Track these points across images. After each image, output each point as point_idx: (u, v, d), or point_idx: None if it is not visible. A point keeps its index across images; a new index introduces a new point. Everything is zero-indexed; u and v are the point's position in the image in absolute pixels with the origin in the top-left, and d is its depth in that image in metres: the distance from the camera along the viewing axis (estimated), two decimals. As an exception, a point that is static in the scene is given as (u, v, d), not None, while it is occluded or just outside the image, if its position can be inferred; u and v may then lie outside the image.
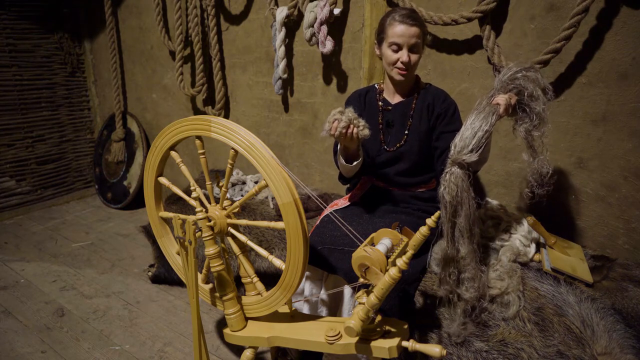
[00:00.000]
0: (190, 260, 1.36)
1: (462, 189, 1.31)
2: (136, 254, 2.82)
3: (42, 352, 1.92)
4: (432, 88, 1.68)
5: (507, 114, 1.38)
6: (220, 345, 1.95)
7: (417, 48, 1.55)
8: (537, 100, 1.38)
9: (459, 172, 1.30)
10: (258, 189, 1.35)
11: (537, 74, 1.42)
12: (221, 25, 2.79)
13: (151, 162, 1.53)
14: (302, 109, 2.59)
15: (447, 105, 1.62)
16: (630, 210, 1.72)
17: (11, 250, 2.88)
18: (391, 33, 1.54)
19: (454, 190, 1.31)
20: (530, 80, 1.40)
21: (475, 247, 1.37)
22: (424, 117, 1.63)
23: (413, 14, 1.55)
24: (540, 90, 1.39)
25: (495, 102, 1.36)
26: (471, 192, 1.33)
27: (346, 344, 1.28)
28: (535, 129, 1.39)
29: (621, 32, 1.61)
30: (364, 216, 1.65)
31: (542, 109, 1.38)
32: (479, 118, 1.34)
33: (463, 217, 1.33)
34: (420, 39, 1.55)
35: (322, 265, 1.53)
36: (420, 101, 1.64)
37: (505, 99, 1.36)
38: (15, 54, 3.36)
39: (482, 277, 1.41)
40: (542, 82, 1.41)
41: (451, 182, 1.32)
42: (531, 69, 1.43)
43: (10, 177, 3.45)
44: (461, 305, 1.41)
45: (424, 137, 1.63)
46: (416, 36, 1.53)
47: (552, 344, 1.32)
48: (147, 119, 3.55)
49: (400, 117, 1.66)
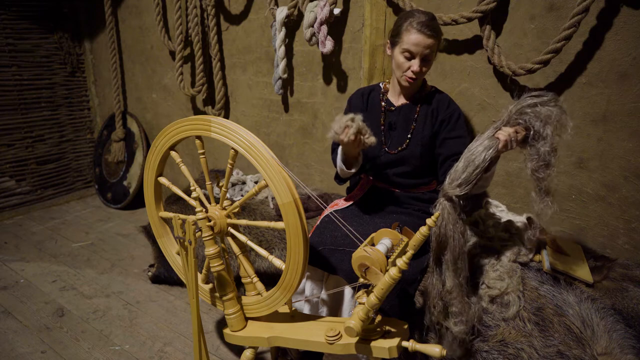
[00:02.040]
0: (190, 260, 1.36)
1: (447, 221, 1.30)
2: (136, 254, 2.82)
3: (42, 352, 1.92)
4: (437, 92, 1.66)
5: (508, 149, 1.30)
6: (220, 345, 1.95)
7: (430, 57, 1.51)
8: (544, 140, 1.27)
9: (447, 204, 1.30)
10: (258, 189, 1.35)
11: (553, 109, 1.28)
12: (221, 25, 2.79)
13: (151, 162, 1.53)
14: (302, 109, 2.58)
15: (451, 111, 1.61)
16: (630, 210, 1.72)
17: (11, 250, 2.88)
18: (406, 39, 1.48)
19: (440, 222, 1.31)
20: (539, 118, 1.29)
21: (461, 282, 1.33)
22: (428, 122, 1.62)
23: (432, 23, 1.48)
24: (550, 129, 1.27)
25: (496, 136, 1.29)
26: (459, 227, 1.30)
27: (346, 344, 1.28)
28: (541, 170, 1.29)
29: (621, 32, 1.61)
30: (365, 216, 1.65)
31: (547, 152, 1.27)
32: (476, 152, 1.29)
33: (449, 250, 1.32)
34: (435, 49, 1.51)
35: (323, 265, 1.53)
36: (425, 106, 1.63)
37: (506, 134, 1.28)
38: (15, 54, 3.36)
39: (470, 310, 1.36)
40: (556, 119, 1.27)
41: (443, 214, 1.31)
42: (549, 102, 1.30)
43: (10, 177, 3.45)
44: (449, 337, 1.38)
45: (426, 142, 1.62)
46: (431, 47, 1.49)
47: (552, 344, 1.32)
48: (147, 119, 3.55)
49: (403, 120, 1.65)
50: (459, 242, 1.31)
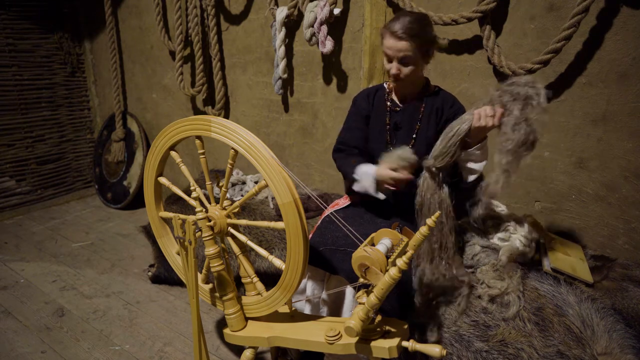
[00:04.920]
0: (190, 261, 1.36)
1: (426, 190, 1.47)
2: (136, 254, 2.82)
3: (42, 352, 1.92)
4: (441, 92, 1.65)
5: (484, 125, 1.34)
6: (220, 345, 1.95)
7: (407, 60, 1.50)
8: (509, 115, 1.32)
9: (427, 175, 1.47)
10: (258, 189, 1.35)
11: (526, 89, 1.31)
12: (221, 25, 2.79)
13: (151, 161, 1.53)
14: (302, 109, 2.59)
15: (455, 110, 1.59)
16: (630, 210, 1.72)
17: (11, 250, 2.88)
18: (384, 43, 1.52)
19: (420, 190, 1.49)
20: (511, 94, 1.33)
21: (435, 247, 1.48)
22: (432, 122, 1.61)
23: (409, 26, 1.46)
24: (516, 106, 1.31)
25: (472, 112, 1.37)
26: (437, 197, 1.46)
27: (346, 344, 1.28)
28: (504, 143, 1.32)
29: (621, 32, 1.61)
30: (365, 216, 1.65)
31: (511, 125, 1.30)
32: (453, 125, 1.39)
33: (423, 217, 1.48)
34: (413, 52, 1.48)
35: (324, 266, 1.53)
36: (429, 105, 1.62)
37: (481, 109, 1.35)
38: (15, 54, 3.36)
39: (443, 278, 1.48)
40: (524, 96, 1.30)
41: (420, 183, 1.49)
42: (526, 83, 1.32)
43: (10, 177, 3.45)
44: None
45: (431, 142, 1.59)
46: (405, 50, 1.47)
47: (552, 344, 1.32)
48: (147, 119, 3.55)
49: (408, 119, 1.64)
50: (434, 210, 1.45)
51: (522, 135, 1.29)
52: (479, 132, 1.38)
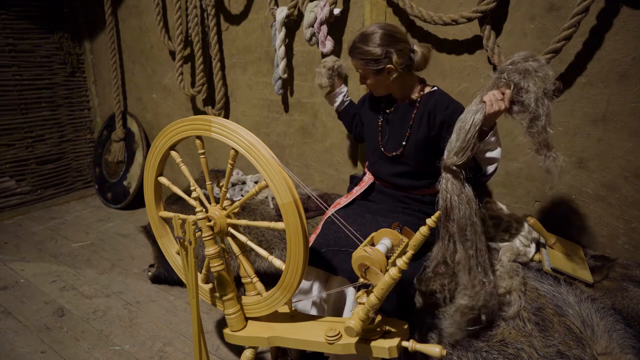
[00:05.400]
0: (190, 261, 1.36)
1: (452, 193, 1.33)
2: (136, 254, 2.82)
3: (41, 352, 1.92)
4: (436, 94, 1.61)
5: (497, 110, 1.31)
6: (220, 345, 1.95)
7: (364, 74, 1.60)
8: (527, 92, 1.27)
9: (449, 176, 1.34)
10: (258, 189, 1.35)
11: (530, 63, 1.29)
12: (221, 25, 2.79)
13: (151, 161, 1.53)
14: (302, 109, 2.58)
15: (451, 111, 1.55)
16: (630, 210, 1.72)
17: (11, 250, 2.88)
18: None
19: (445, 195, 1.34)
20: (518, 71, 1.30)
21: (470, 254, 1.34)
22: (424, 125, 1.59)
23: (351, 46, 1.58)
24: (531, 81, 1.28)
25: (482, 100, 1.33)
26: (464, 197, 1.33)
27: (346, 344, 1.28)
28: (532, 124, 1.29)
29: (621, 32, 1.61)
30: (366, 215, 1.65)
31: (534, 101, 1.26)
32: (465, 119, 1.33)
33: (455, 222, 1.33)
34: (361, 68, 1.58)
35: (325, 266, 1.53)
36: (421, 108, 1.61)
37: (490, 95, 1.32)
38: (15, 54, 3.36)
39: (483, 288, 1.34)
40: (536, 72, 1.28)
41: (442, 187, 1.36)
42: (527, 58, 1.31)
43: (10, 177, 3.45)
44: (452, 309, 1.39)
45: (420, 144, 1.60)
46: (356, 67, 1.60)
47: (552, 344, 1.32)
48: (147, 118, 3.55)
49: (400, 121, 1.65)
50: (465, 213, 1.32)
51: (547, 108, 1.27)
52: (491, 118, 1.34)
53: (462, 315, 1.37)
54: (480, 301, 1.34)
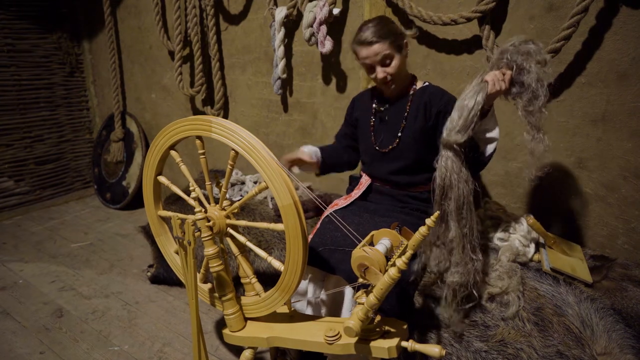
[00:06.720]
0: (189, 261, 1.36)
1: (452, 171, 1.34)
2: (135, 254, 2.81)
3: (40, 353, 1.92)
4: (429, 87, 1.65)
5: (498, 90, 1.33)
6: (220, 346, 1.95)
7: (388, 60, 1.55)
8: (529, 73, 1.31)
9: (450, 154, 1.34)
10: (258, 191, 1.34)
11: (531, 46, 1.33)
12: (220, 25, 2.79)
13: (151, 160, 1.53)
14: (301, 109, 2.58)
15: (446, 101, 1.58)
16: (629, 210, 1.72)
17: (10, 250, 2.87)
18: (359, 56, 1.58)
19: (444, 172, 1.34)
20: (520, 53, 1.33)
21: (465, 232, 1.35)
22: (420, 116, 1.61)
23: (372, 31, 1.53)
24: (532, 62, 1.31)
25: (484, 80, 1.33)
26: (463, 176, 1.34)
27: (345, 344, 1.27)
28: (530, 103, 1.33)
29: (620, 32, 1.61)
30: (365, 215, 1.65)
31: (535, 81, 1.30)
32: (467, 97, 1.33)
33: (453, 200, 1.34)
34: (389, 49, 1.53)
35: (323, 266, 1.53)
36: (415, 102, 1.63)
37: (492, 75, 1.33)
38: (13, 54, 3.35)
39: (473, 265, 1.36)
40: (536, 55, 1.33)
41: (442, 165, 1.35)
42: (527, 42, 1.35)
43: (9, 177, 3.45)
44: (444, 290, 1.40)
45: (418, 137, 1.61)
46: (381, 51, 1.52)
47: (551, 344, 1.32)
48: (146, 119, 3.54)
49: (394, 117, 1.65)
50: (463, 191, 1.33)
51: (545, 90, 1.30)
52: (492, 98, 1.36)
53: (453, 294, 1.38)
54: (471, 278, 1.36)
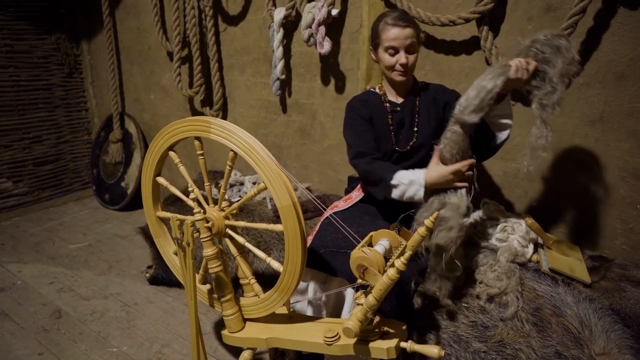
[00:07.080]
0: (188, 262, 1.36)
1: (461, 148, 1.35)
2: (134, 255, 2.81)
3: (39, 354, 1.91)
4: (431, 85, 1.70)
5: (519, 77, 1.31)
6: (219, 347, 1.95)
7: (413, 48, 1.56)
8: (554, 67, 1.30)
9: (460, 131, 1.33)
10: (257, 191, 1.34)
11: (563, 42, 1.30)
12: (219, 26, 2.79)
13: (149, 161, 1.53)
14: (300, 110, 2.58)
15: (450, 93, 1.65)
16: (627, 211, 1.72)
17: (8, 251, 2.87)
18: (385, 37, 1.54)
19: (454, 148, 1.35)
20: (550, 46, 1.31)
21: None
22: (432, 112, 1.63)
23: (404, 15, 1.56)
24: (560, 58, 1.29)
25: (507, 64, 1.31)
26: (469, 153, 1.39)
27: (344, 345, 1.27)
28: (546, 97, 1.31)
29: (618, 33, 1.62)
30: (365, 217, 1.64)
31: (557, 76, 1.29)
32: (487, 78, 1.31)
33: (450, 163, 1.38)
34: (415, 38, 1.56)
35: (324, 268, 1.53)
36: (423, 98, 1.65)
37: (517, 61, 1.31)
38: (12, 55, 3.35)
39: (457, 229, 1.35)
40: (566, 52, 1.29)
41: (452, 140, 1.35)
42: (560, 37, 1.32)
43: (8, 178, 3.44)
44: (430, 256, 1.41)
45: (434, 132, 1.60)
46: (411, 36, 1.53)
47: (550, 345, 1.32)
48: (144, 119, 3.54)
49: (409, 116, 1.65)
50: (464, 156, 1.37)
51: (564, 87, 1.30)
52: (511, 84, 1.34)
53: (435, 257, 1.39)
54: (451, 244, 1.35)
